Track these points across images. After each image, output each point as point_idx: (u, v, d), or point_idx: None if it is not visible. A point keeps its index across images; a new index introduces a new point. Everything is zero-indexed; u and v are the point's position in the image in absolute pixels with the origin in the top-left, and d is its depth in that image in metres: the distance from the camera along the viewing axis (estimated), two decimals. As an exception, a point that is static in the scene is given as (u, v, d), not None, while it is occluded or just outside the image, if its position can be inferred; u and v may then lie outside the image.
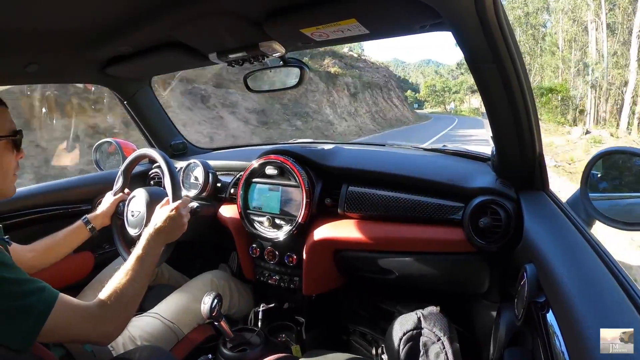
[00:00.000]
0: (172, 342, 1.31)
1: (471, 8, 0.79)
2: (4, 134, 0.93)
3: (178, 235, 1.18)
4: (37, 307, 0.79)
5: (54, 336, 0.83)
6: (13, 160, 0.97)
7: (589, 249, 0.81)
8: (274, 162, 1.50)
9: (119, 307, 0.93)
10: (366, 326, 1.61)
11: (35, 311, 0.78)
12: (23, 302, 0.77)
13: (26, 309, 0.77)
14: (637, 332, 0.56)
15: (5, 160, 0.94)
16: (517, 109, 1.00)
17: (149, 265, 1.05)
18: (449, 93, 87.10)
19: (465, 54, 0.94)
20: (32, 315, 0.78)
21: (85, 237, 1.39)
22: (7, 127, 0.94)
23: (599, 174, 1.13)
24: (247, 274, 1.64)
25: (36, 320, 0.78)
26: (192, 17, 1.02)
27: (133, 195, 1.42)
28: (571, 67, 30.92)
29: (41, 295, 0.81)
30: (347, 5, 0.90)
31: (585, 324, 0.59)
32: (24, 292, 0.78)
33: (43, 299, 0.80)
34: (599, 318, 0.59)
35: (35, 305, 0.78)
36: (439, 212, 1.26)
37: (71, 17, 0.99)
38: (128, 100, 1.85)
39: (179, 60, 1.42)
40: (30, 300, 0.78)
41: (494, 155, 1.26)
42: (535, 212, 1.06)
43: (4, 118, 0.94)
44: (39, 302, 0.79)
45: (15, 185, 1.01)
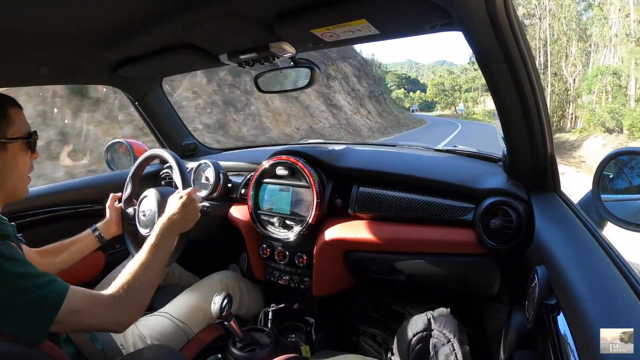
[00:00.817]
0: (182, 341, 1.32)
1: (482, 8, 0.79)
2: (19, 135, 0.93)
3: (192, 224, 1.18)
4: (49, 297, 0.81)
5: (68, 324, 0.84)
6: (28, 161, 0.97)
7: (600, 251, 0.81)
8: (284, 162, 1.51)
9: (132, 295, 0.94)
10: (376, 327, 1.61)
11: (47, 301, 0.80)
12: (35, 294, 0.79)
13: (38, 301, 0.79)
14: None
15: (21, 161, 0.94)
16: (529, 109, 0.99)
17: (163, 254, 1.05)
18: (459, 92, 79.76)
19: (476, 54, 0.94)
20: (45, 305, 0.80)
21: (95, 246, 1.39)
22: (22, 129, 0.94)
23: (610, 175, 1.12)
24: (257, 274, 1.65)
25: (49, 310, 0.80)
26: (204, 18, 1.02)
27: (145, 196, 1.42)
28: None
29: (52, 287, 0.82)
30: (357, 6, 0.90)
31: (596, 327, 0.58)
32: (35, 285, 0.80)
33: (54, 290, 0.82)
34: (611, 321, 0.59)
35: (47, 296, 0.80)
36: (450, 213, 1.25)
37: (83, 19, 1.00)
38: (139, 101, 1.86)
39: (190, 61, 1.42)
40: (42, 292, 0.80)
41: (505, 156, 1.25)
42: (546, 214, 1.05)
43: (19, 119, 0.94)
44: (50, 293, 0.81)
45: (28, 187, 1.01)
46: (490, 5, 0.78)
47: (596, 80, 24.89)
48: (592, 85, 25.05)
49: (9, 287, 0.77)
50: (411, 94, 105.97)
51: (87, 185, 1.80)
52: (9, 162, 0.91)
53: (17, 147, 0.93)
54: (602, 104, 23.85)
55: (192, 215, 1.18)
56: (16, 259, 0.81)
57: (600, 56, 28.46)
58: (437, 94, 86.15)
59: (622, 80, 24.18)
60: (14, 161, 0.92)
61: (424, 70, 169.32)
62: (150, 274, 0.99)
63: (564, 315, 0.71)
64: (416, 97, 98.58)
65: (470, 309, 1.45)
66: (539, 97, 0.99)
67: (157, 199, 1.37)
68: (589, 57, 29.70)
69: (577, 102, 27.87)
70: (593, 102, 24.81)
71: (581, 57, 30.28)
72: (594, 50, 29.22)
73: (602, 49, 27.62)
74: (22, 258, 0.84)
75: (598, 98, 25.07)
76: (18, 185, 0.96)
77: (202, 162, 1.77)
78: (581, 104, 26.61)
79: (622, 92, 23.85)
